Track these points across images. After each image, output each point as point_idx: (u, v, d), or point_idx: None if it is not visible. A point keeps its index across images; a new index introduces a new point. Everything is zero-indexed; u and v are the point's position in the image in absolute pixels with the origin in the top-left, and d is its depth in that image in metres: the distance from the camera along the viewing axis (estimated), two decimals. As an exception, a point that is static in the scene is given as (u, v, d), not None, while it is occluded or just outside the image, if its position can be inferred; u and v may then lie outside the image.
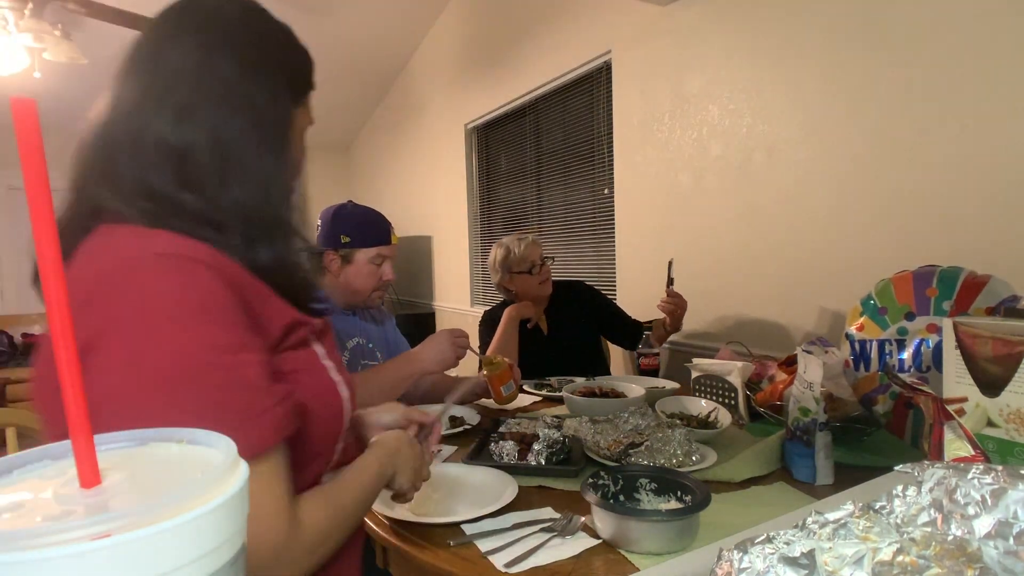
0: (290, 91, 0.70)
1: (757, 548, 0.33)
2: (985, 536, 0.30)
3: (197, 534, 0.22)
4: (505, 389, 1.44)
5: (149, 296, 0.51)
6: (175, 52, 0.62)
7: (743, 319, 1.99)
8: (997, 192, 1.34)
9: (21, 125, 0.24)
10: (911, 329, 1.07)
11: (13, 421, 1.27)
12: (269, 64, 0.67)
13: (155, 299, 0.51)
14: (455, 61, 3.89)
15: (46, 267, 0.24)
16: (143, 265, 0.52)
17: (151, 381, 0.49)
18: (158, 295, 0.51)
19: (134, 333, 0.50)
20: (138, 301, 0.50)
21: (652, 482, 0.87)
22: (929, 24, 1.43)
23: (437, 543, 0.82)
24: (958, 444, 0.59)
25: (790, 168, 1.79)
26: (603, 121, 2.63)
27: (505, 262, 1.98)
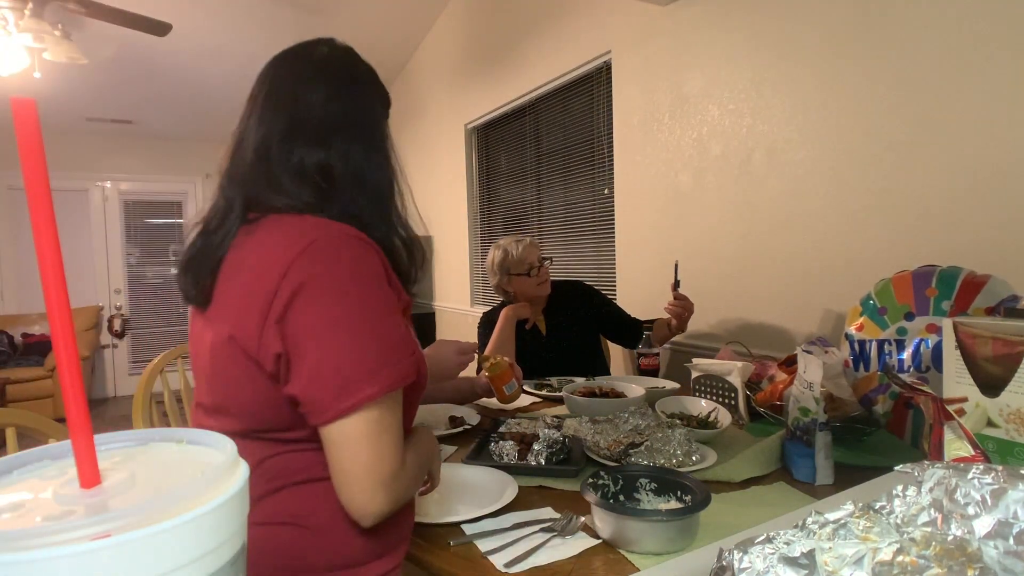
0: (381, 114, 0.88)
1: (757, 548, 0.33)
2: (985, 536, 0.30)
3: (197, 534, 0.22)
4: (507, 388, 1.45)
5: (354, 261, 0.71)
6: (306, 92, 0.80)
7: (743, 319, 1.99)
8: (997, 192, 1.34)
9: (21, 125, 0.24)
10: (911, 329, 1.07)
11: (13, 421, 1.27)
12: (372, 98, 0.86)
13: (357, 264, 0.71)
14: (455, 61, 3.89)
15: (46, 267, 0.24)
16: (346, 241, 0.71)
17: (354, 313, 0.68)
18: (358, 261, 0.71)
19: (345, 282, 0.69)
20: (349, 262, 0.70)
21: (652, 482, 0.87)
22: (929, 24, 1.43)
23: (437, 543, 0.82)
24: (958, 444, 0.59)
25: (790, 168, 1.79)
26: (603, 121, 2.63)
27: (503, 264, 1.97)
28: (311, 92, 0.80)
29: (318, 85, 0.80)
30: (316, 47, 0.84)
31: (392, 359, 0.69)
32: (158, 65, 4.15)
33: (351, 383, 0.66)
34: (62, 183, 5.36)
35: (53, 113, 4.79)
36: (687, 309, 1.82)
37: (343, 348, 0.67)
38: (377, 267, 0.73)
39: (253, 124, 0.80)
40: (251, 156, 0.78)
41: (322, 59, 0.83)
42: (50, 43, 2.73)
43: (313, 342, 0.67)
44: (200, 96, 4.69)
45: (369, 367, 0.67)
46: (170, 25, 2.98)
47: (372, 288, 0.71)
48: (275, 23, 3.83)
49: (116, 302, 5.71)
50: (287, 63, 0.83)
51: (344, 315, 0.68)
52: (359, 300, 0.69)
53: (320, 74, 0.81)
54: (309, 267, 0.68)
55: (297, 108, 0.79)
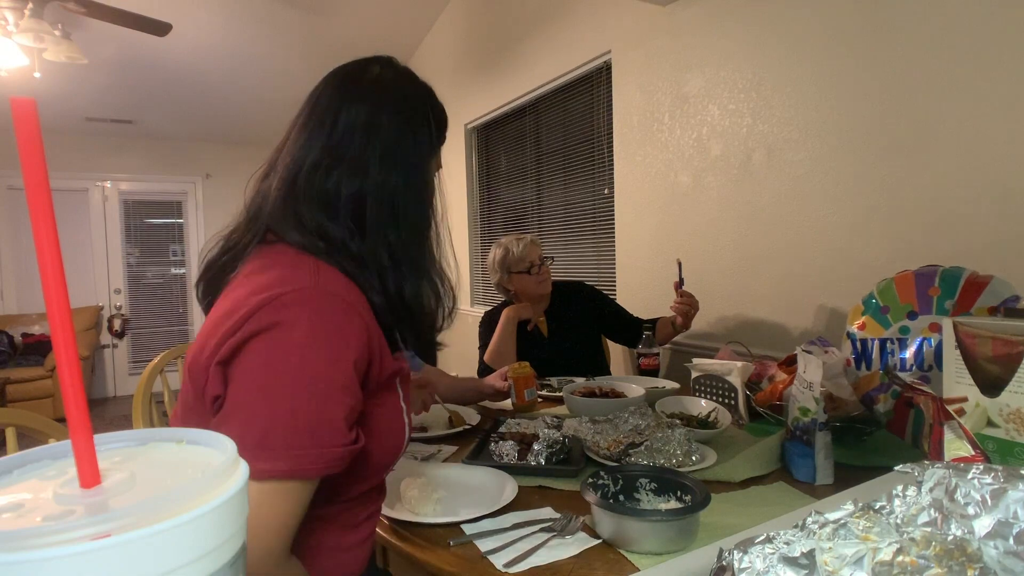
0: (435, 145, 0.82)
1: (757, 548, 0.33)
2: (985, 536, 0.30)
3: (197, 534, 0.22)
4: (528, 394, 1.50)
5: (314, 329, 0.64)
6: (346, 115, 0.74)
7: (743, 319, 1.99)
8: (997, 192, 1.34)
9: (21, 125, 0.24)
10: (913, 328, 1.07)
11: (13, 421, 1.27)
12: (421, 124, 0.79)
13: (317, 332, 0.64)
14: (455, 61, 3.89)
15: (46, 267, 0.24)
16: (320, 304, 0.65)
17: (285, 384, 0.62)
18: (320, 329, 0.64)
19: (291, 349, 0.62)
20: (307, 328, 0.63)
21: (652, 482, 0.87)
22: (929, 24, 1.43)
23: (437, 543, 0.82)
24: (958, 444, 0.59)
25: (790, 168, 1.79)
26: (603, 121, 2.63)
27: (504, 262, 1.97)
28: (353, 114, 0.75)
29: (362, 107, 0.75)
30: (369, 66, 0.80)
31: (300, 444, 0.61)
32: (158, 65, 4.15)
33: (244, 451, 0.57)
34: (62, 183, 5.36)
35: (53, 113, 4.79)
36: (693, 306, 1.82)
37: (256, 414, 0.61)
38: (353, 336, 0.66)
39: (289, 146, 0.76)
40: (278, 179, 0.75)
41: (372, 79, 0.78)
42: (50, 43, 2.73)
43: (239, 395, 0.62)
44: (200, 96, 4.69)
45: (269, 444, 0.60)
46: (170, 25, 2.98)
47: (320, 364, 0.63)
48: (275, 23, 3.83)
49: (116, 302, 5.71)
50: (335, 81, 0.79)
51: (274, 383, 0.61)
52: (297, 371, 0.62)
53: (367, 95, 0.76)
54: (268, 318, 0.63)
55: (336, 131, 0.74)
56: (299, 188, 0.73)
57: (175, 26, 3.06)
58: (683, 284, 1.83)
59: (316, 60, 4.37)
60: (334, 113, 0.75)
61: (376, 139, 0.75)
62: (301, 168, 0.73)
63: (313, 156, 0.74)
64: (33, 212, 0.24)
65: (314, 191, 0.73)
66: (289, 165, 0.74)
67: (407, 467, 1.11)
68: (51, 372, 4.72)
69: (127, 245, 5.74)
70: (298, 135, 0.76)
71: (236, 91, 4.69)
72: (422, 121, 0.79)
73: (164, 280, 5.92)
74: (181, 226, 5.96)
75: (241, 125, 5.34)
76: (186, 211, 5.93)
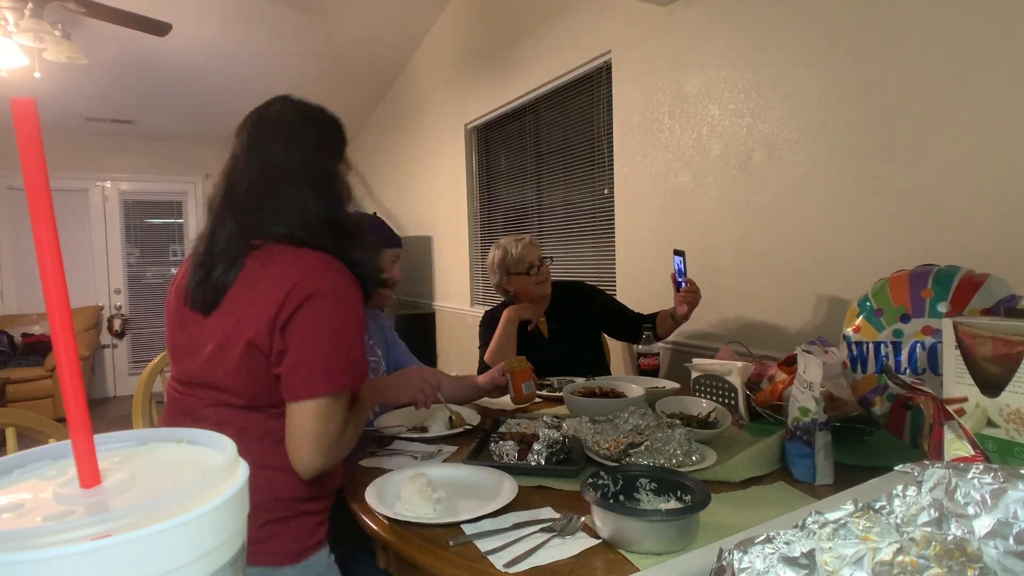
0: (337, 156, 1.06)
1: (757, 548, 0.33)
2: (985, 536, 0.30)
3: (197, 534, 0.22)
4: (526, 387, 1.51)
5: (342, 288, 0.94)
6: (271, 146, 0.99)
7: (743, 319, 1.99)
8: (997, 191, 1.34)
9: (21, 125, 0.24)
10: (906, 332, 1.07)
11: (13, 421, 1.27)
12: (320, 144, 1.03)
13: (344, 291, 0.94)
14: (455, 61, 3.89)
15: (46, 267, 0.24)
16: (336, 273, 0.94)
17: (335, 327, 0.92)
18: (345, 288, 0.94)
19: (333, 304, 0.92)
20: (337, 289, 0.93)
21: (652, 482, 0.87)
22: (929, 24, 1.43)
23: (437, 543, 0.82)
24: (958, 444, 0.59)
25: (790, 168, 1.79)
26: (603, 121, 2.63)
27: (503, 263, 1.97)
28: (274, 145, 0.99)
29: (277, 138, 0.99)
30: (271, 106, 1.03)
31: (349, 369, 0.93)
32: (158, 65, 4.15)
33: (315, 378, 0.90)
34: (62, 183, 5.36)
35: (53, 113, 4.79)
36: (698, 295, 1.83)
37: (319, 352, 0.90)
38: (356, 293, 0.95)
39: (237, 175, 0.99)
40: (243, 197, 0.98)
41: (275, 115, 1.02)
42: (50, 43, 2.73)
43: (302, 341, 0.90)
44: (200, 96, 4.69)
45: (332, 369, 0.91)
46: (170, 25, 2.98)
47: (351, 311, 0.94)
48: (275, 23, 3.83)
49: (116, 302, 5.70)
50: (252, 121, 1.02)
51: (327, 327, 0.91)
52: (340, 318, 0.92)
53: (278, 129, 1.00)
54: (308, 290, 0.90)
55: (269, 158, 0.99)
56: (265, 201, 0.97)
57: (175, 26, 3.06)
58: (685, 274, 1.83)
59: (316, 60, 4.39)
60: (263, 145, 0.99)
61: (294, 161, 0.99)
62: (255, 188, 0.98)
63: (259, 178, 0.98)
64: (33, 212, 0.24)
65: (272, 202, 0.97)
66: (247, 187, 0.98)
67: (407, 467, 1.11)
68: (51, 372, 4.72)
69: (127, 245, 5.74)
70: (243, 167, 0.99)
71: (236, 91, 4.69)
72: (320, 141, 1.03)
73: (164, 280, 5.92)
74: (181, 226, 5.96)
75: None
76: (186, 211, 5.93)
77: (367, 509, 0.94)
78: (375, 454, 1.23)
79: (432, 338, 4.36)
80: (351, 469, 1.16)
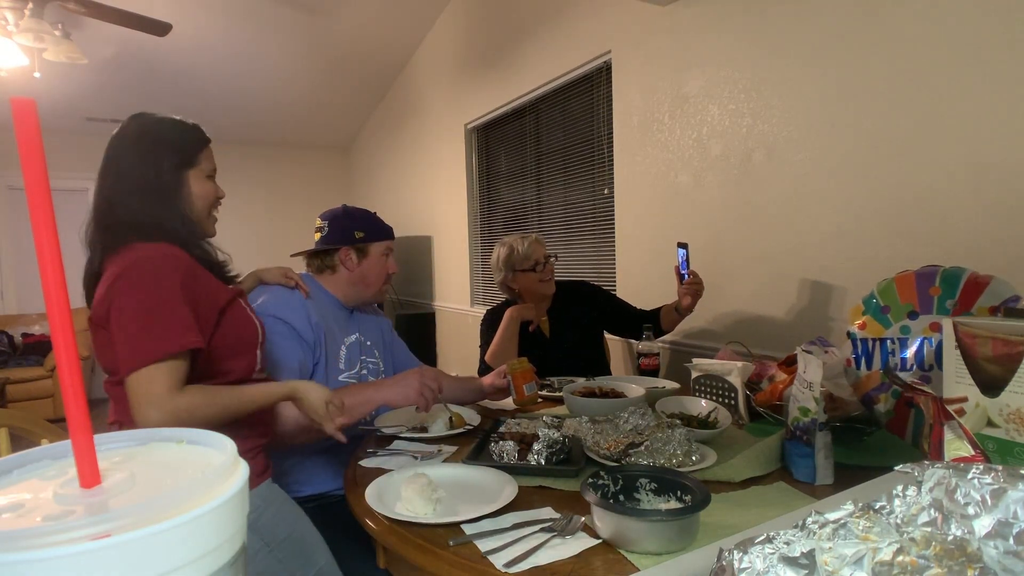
0: (179, 162, 1.16)
1: (757, 548, 0.33)
2: (985, 536, 0.30)
3: (197, 534, 0.22)
4: (527, 388, 1.50)
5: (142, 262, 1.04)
6: (118, 161, 1.14)
7: (743, 319, 1.99)
8: (997, 192, 1.34)
9: (21, 125, 0.24)
10: (914, 328, 1.07)
11: (6, 422, 1.27)
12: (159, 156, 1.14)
13: (143, 264, 1.04)
14: (455, 61, 3.89)
15: (46, 267, 0.24)
16: (147, 259, 1.05)
17: (144, 302, 1.01)
18: (146, 261, 1.04)
19: (126, 283, 1.03)
20: (137, 264, 1.04)
21: (652, 482, 0.87)
22: (930, 23, 1.43)
23: (437, 543, 0.82)
24: (958, 444, 0.59)
25: (790, 168, 1.79)
26: (603, 121, 2.63)
27: (508, 260, 1.98)
28: (122, 155, 1.13)
29: (122, 149, 1.14)
30: (128, 123, 1.16)
31: (159, 337, 0.99)
32: (158, 65, 4.15)
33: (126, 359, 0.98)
34: (62, 183, 5.36)
35: (53, 113, 4.79)
36: (701, 287, 1.83)
37: (126, 334, 1.00)
38: (160, 264, 1.04)
39: (97, 180, 1.15)
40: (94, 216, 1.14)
41: (123, 132, 1.15)
42: (50, 43, 2.73)
43: (115, 327, 1.01)
44: (200, 96, 4.69)
45: (136, 349, 0.98)
46: (170, 25, 2.98)
47: (154, 283, 1.02)
48: (275, 23, 3.83)
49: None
50: (112, 137, 1.15)
51: (128, 307, 1.01)
52: (141, 294, 1.01)
53: (123, 141, 1.14)
54: (113, 275, 1.03)
55: (118, 173, 1.13)
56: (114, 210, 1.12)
57: (175, 26, 3.06)
58: (688, 267, 1.83)
59: (316, 60, 4.39)
60: (113, 161, 1.14)
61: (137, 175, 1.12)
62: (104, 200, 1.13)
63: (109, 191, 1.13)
64: (33, 212, 0.24)
65: (118, 212, 1.12)
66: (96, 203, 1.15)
67: (407, 467, 1.11)
68: (51, 372, 4.72)
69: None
70: (100, 182, 1.15)
71: (236, 91, 4.70)
72: (160, 153, 1.14)
73: (164, 280, 5.91)
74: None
75: (241, 125, 5.34)
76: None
77: (367, 509, 0.94)
78: (375, 454, 1.23)
79: (432, 338, 4.36)
80: (351, 469, 1.16)
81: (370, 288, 1.56)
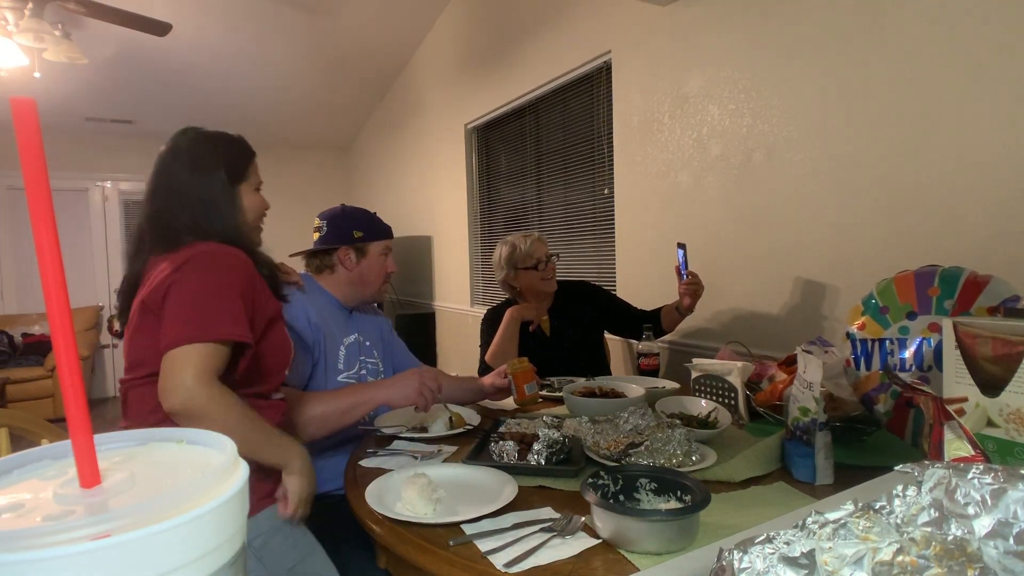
0: (231, 176, 1.19)
1: (757, 548, 0.33)
2: (985, 536, 0.30)
3: (197, 534, 0.22)
4: (528, 388, 1.50)
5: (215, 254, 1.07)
6: (174, 173, 1.15)
7: (743, 319, 1.99)
8: (997, 192, 1.34)
9: (21, 125, 0.24)
10: (913, 328, 1.07)
11: (6, 422, 1.27)
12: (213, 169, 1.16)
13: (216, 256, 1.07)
14: (455, 61, 3.89)
15: (46, 267, 0.24)
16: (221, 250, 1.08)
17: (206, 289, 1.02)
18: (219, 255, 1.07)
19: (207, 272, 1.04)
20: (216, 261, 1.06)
21: (652, 482, 0.87)
22: (929, 24, 1.43)
23: (437, 543, 0.82)
24: (958, 444, 0.59)
25: (790, 168, 1.79)
26: (603, 121, 2.63)
27: (511, 258, 1.98)
28: (177, 172, 1.14)
29: (177, 166, 1.15)
30: (178, 138, 1.17)
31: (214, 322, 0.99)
32: (158, 65, 4.15)
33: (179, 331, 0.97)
34: (62, 183, 5.36)
35: (53, 113, 4.79)
36: (700, 286, 1.83)
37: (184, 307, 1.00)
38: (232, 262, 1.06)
39: (149, 196, 1.15)
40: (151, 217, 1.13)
41: (175, 148, 1.16)
42: (50, 43, 2.73)
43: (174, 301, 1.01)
44: (200, 96, 4.69)
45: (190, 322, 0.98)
46: (170, 25, 2.98)
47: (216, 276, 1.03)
48: (275, 23, 3.83)
49: (116, 302, 5.69)
50: (163, 153, 1.17)
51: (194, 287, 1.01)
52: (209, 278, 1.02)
53: (177, 158, 1.15)
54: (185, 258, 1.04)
55: (171, 189, 1.14)
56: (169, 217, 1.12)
57: (175, 26, 3.06)
58: (687, 267, 1.84)
59: (316, 60, 4.39)
60: (166, 172, 1.15)
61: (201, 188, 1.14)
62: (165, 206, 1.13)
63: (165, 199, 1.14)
64: (33, 212, 0.24)
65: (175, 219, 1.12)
66: (150, 214, 1.14)
67: (407, 467, 1.11)
68: (51, 372, 4.72)
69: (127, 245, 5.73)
70: (153, 190, 1.15)
71: (236, 91, 4.69)
72: (215, 166, 1.16)
73: (164, 280, 5.91)
74: (181, 226, 5.96)
75: (241, 125, 5.33)
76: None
77: (367, 509, 0.94)
78: (375, 454, 1.23)
79: (432, 338, 4.36)
80: (351, 469, 1.16)
81: (369, 288, 1.56)
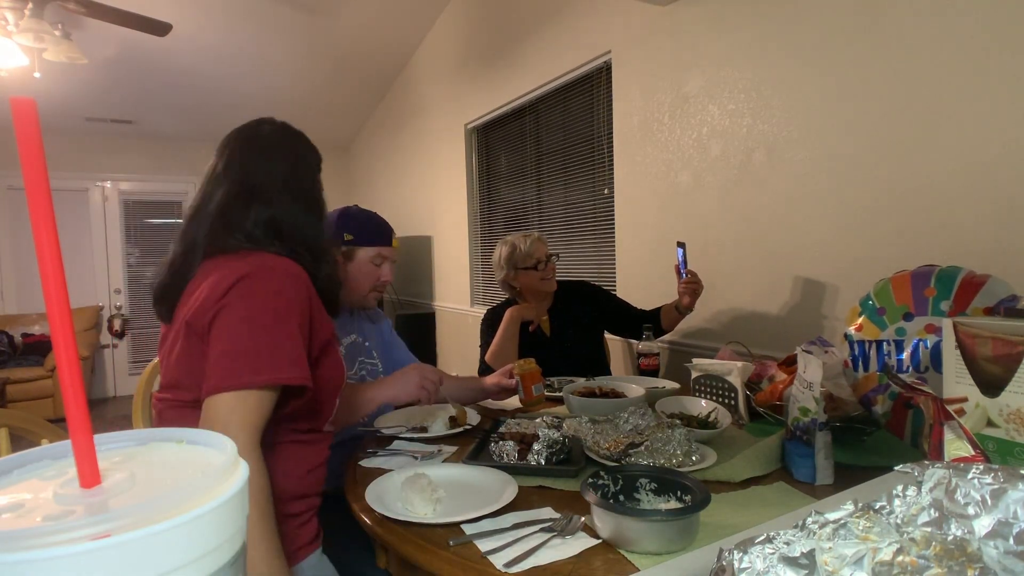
0: (314, 171, 1.10)
1: (757, 548, 0.33)
2: (985, 536, 0.30)
3: (197, 534, 0.22)
4: (536, 389, 1.51)
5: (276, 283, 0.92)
6: (254, 164, 1.03)
7: (743, 319, 1.99)
8: (997, 192, 1.34)
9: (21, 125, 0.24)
10: (909, 330, 1.07)
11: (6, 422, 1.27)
12: (305, 164, 1.08)
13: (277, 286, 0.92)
14: (455, 61, 3.89)
15: (46, 267, 0.24)
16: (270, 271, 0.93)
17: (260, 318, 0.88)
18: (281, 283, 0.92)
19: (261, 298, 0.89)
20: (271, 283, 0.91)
21: (652, 482, 0.87)
22: (929, 24, 1.43)
23: (437, 543, 0.82)
24: (958, 444, 0.59)
25: (790, 168, 1.79)
26: (603, 121, 2.63)
27: (511, 258, 1.98)
28: (257, 163, 1.03)
29: (262, 157, 1.03)
30: (260, 126, 1.08)
31: (270, 364, 0.85)
32: (158, 65, 4.15)
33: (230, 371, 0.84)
34: (62, 183, 5.36)
35: (53, 113, 4.79)
36: (700, 285, 1.84)
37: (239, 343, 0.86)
38: (295, 292, 0.93)
39: (212, 188, 1.02)
40: (214, 212, 1.00)
41: (263, 136, 1.06)
42: (50, 43, 2.73)
43: (225, 331, 0.87)
44: (200, 96, 4.69)
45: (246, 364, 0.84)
46: (170, 25, 2.98)
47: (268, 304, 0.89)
48: (275, 23, 3.83)
49: (116, 302, 5.70)
50: (238, 140, 1.05)
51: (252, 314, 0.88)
52: (266, 303, 0.89)
53: (264, 149, 1.04)
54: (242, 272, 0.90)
55: (247, 176, 1.01)
56: (231, 218, 0.98)
57: (175, 26, 3.06)
58: (687, 266, 1.84)
59: (317, 60, 4.39)
60: (244, 163, 1.02)
61: (276, 179, 1.02)
62: (229, 204, 0.99)
63: (235, 195, 1.00)
64: (33, 212, 0.24)
65: (242, 219, 0.98)
66: (220, 203, 1.00)
67: (407, 467, 1.11)
68: (51, 372, 4.72)
69: (127, 245, 5.74)
70: (220, 181, 1.02)
71: (236, 91, 4.69)
72: (305, 161, 1.08)
73: (164, 280, 5.91)
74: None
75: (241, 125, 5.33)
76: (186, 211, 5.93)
77: (367, 509, 0.94)
78: (375, 454, 1.23)
79: (432, 338, 4.36)
80: (351, 469, 1.16)
81: (353, 293, 1.50)
